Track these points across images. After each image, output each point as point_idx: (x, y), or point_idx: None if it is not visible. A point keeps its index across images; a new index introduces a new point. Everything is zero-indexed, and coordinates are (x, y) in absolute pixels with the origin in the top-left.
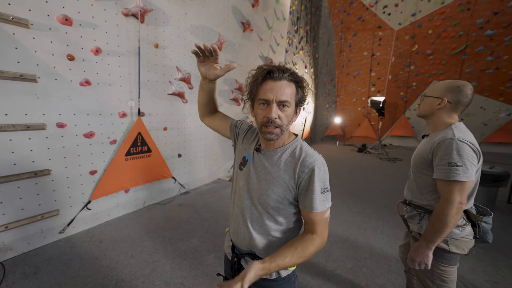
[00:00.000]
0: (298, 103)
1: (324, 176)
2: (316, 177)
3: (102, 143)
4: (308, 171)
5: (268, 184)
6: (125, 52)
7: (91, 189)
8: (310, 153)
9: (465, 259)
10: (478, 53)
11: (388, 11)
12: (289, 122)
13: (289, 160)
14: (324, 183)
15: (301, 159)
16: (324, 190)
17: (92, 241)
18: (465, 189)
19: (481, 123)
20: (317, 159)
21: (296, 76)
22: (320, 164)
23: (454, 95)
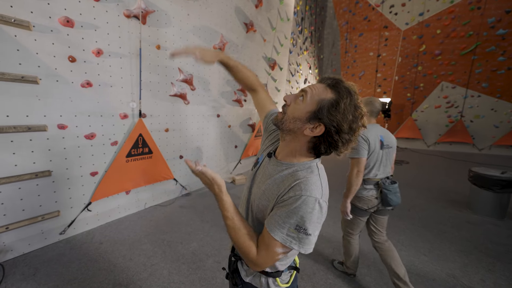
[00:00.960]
0: (318, 113)
1: (309, 216)
2: (295, 208)
3: (103, 144)
4: (292, 196)
5: (259, 193)
6: (127, 54)
7: (92, 191)
8: (311, 184)
9: (475, 270)
10: (489, 53)
11: (394, 11)
12: (294, 120)
13: (289, 179)
14: (304, 223)
15: (296, 183)
16: (300, 229)
17: (92, 242)
18: (359, 162)
19: (492, 125)
20: (312, 193)
21: (339, 84)
22: (310, 200)
23: (368, 107)
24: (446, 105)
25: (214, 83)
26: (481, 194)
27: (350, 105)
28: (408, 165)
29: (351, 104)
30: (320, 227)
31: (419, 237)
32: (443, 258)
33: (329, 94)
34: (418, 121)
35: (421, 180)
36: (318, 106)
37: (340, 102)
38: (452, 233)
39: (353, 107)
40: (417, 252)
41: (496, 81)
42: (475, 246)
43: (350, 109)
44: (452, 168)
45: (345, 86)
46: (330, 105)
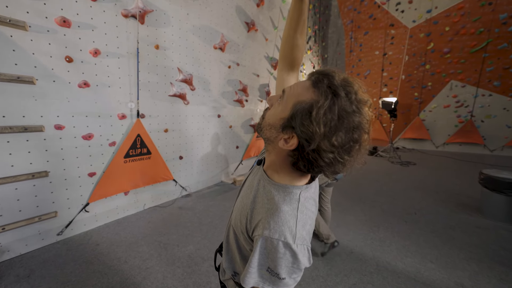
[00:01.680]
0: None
1: (280, 260)
2: (262, 250)
3: (101, 145)
4: (257, 235)
5: (238, 203)
6: (125, 54)
7: (90, 191)
8: (281, 220)
9: (486, 279)
10: (501, 50)
11: (401, 8)
12: (270, 126)
13: (262, 201)
14: (276, 266)
15: (266, 216)
16: (272, 272)
17: (89, 244)
18: None
19: (505, 125)
20: (281, 233)
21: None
22: (276, 243)
23: None
24: (456, 105)
25: (214, 83)
26: (492, 197)
27: (329, 111)
28: (415, 167)
29: (331, 109)
30: (301, 270)
31: (425, 243)
32: (451, 266)
33: (309, 95)
34: (426, 121)
35: (428, 182)
36: (292, 111)
37: (314, 106)
38: (462, 239)
39: (334, 114)
40: (423, 259)
41: (509, 80)
42: (486, 253)
43: (328, 116)
44: (462, 170)
45: (331, 83)
46: (303, 111)
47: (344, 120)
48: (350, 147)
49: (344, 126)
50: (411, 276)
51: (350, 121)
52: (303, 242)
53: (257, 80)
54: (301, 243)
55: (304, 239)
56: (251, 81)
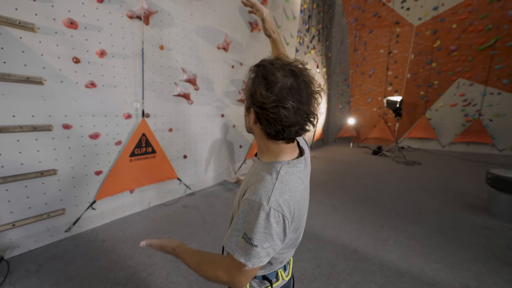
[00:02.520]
0: (247, 101)
1: (253, 222)
2: (241, 213)
3: (107, 144)
4: (243, 200)
5: (238, 193)
6: (130, 54)
7: (96, 189)
8: (262, 187)
9: (492, 280)
10: (510, 47)
11: (406, 6)
12: (244, 117)
13: (251, 179)
14: (250, 231)
15: (251, 185)
16: (245, 238)
17: (96, 240)
18: None
19: None
20: (260, 197)
21: (256, 66)
22: (256, 206)
23: None
24: (463, 103)
25: (218, 83)
26: (500, 197)
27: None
28: (421, 166)
29: (257, 75)
30: (273, 240)
31: (430, 243)
32: (456, 266)
33: (248, 79)
34: (432, 120)
35: (434, 182)
36: (245, 95)
37: (247, 80)
38: (468, 239)
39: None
40: (428, 259)
41: None
42: (493, 254)
43: (256, 80)
44: (469, 170)
45: (257, 64)
46: (247, 88)
47: (268, 76)
48: (284, 93)
49: (270, 79)
50: (415, 276)
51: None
52: (277, 208)
53: None
54: (275, 207)
55: (279, 205)
56: None
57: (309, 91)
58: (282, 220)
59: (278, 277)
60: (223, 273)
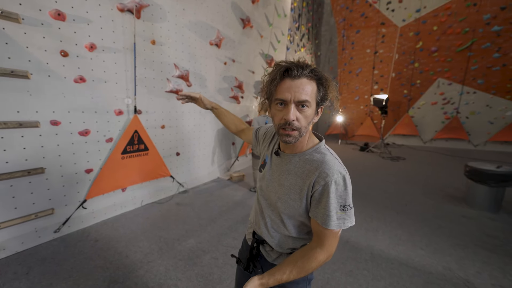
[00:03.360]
0: (320, 102)
1: (344, 192)
2: (332, 193)
3: (98, 141)
4: (324, 184)
5: (284, 190)
6: (121, 49)
7: (87, 188)
8: (331, 164)
9: (471, 262)
10: (484, 49)
11: (391, 7)
12: (308, 123)
13: (308, 168)
14: (345, 200)
15: (319, 170)
16: (344, 208)
17: (87, 240)
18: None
19: (487, 121)
20: (337, 172)
21: (318, 73)
22: (339, 179)
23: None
24: (442, 102)
25: (210, 79)
26: (477, 188)
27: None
28: (405, 162)
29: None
30: None
31: (416, 232)
32: (439, 252)
33: (312, 84)
34: (415, 117)
35: (417, 176)
36: (317, 99)
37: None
38: (449, 227)
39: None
40: (414, 246)
41: (491, 78)
42: (471, 239)
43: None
44: (448, 164)
45: (314, 71)
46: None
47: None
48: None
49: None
50: (403, 262)
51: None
52: (347, 171)
53: (252, 77)
54: (347, 171)
55: (346, 169)
56: (247, 77)
57: None
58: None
59: None
60: (323, 254)
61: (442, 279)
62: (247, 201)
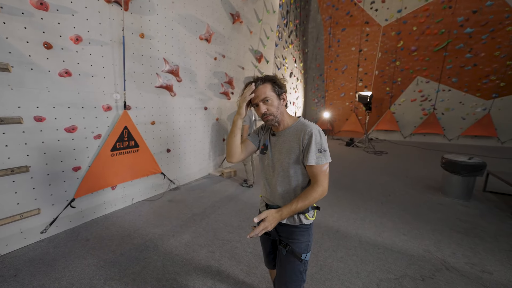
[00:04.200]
0: (278, 92)
1: (321, 140)
2: (313, 140)
3: (86, 138)
4: (308, 136)
5: (286, 153)
6: (108, 42)
7: (75, 187)
8: (308, 124)
9: (447, 245)
10: (458, 50)
11: (375, 7)
12: (277, 108)
13: (296, 133)
14: (321, 145)
15: (303, 130)
16: (321, 150)
17: (78, 240)
18: (245, 128)
19: (460, 117)
20: (314, 127)
21: (268, 77)
22: (316, 131)
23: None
24: (421, 99)
25: (201, 74)
26: (451, 178)
27: (278, 81)
28: (387, 155)
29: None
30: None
31: (399, 219)
32: (420, 237)
33: (268, 86)
34: (396, 114)
35: (399, 169)
36: (275, 92)
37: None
38: (428, 215)
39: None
40: (397, 232)
41: (464, 77)
42: (447, 224)
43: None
44: (426, 157)
45: (266, 78)
46: (276, 87)
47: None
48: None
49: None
50: (388, 247)
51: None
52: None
53: (242, 73)
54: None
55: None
56: (237, 73)
57: None
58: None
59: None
60: (319, 187)
61: (423, 260)
62: (239, 196)
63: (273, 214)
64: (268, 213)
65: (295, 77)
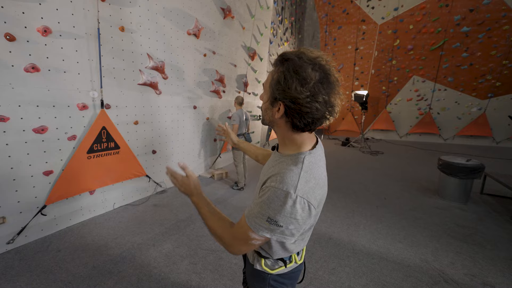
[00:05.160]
0: (275, 94)
1: (280, 208)
2: (266, 200)
3: (58, 139)
4: (267, 189)
5: (258, 184)
6: (83, 35)
7: (47, 192)
8: (286, 176)
9: (445, 253)
10: (454, 49)
11: (372, 5)
12: (264, 110)
13: (272, 168)
14: (275, 215)
15: (273, 174)
16: (271, 221)
17: (48, 251)
18: (235, 128)
19: (456, 117)
20: (284, 188)
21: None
22: (281, 194)
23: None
24: (417, 98)
25: (189, 72)
26: (448, 180)
27: (287, 71)
28: (383, 155)
29: (288, 70)
30: (298, 223)
31: (394, 225)
32: (416, 244)
33: (274, 73)
34: (392, 113)
35: (395, 170)
36: (270, 89)
37: (274, 74)
38: (424, 219)
39: (290, 71)
40: (393, 240)
41: (460, 76)
42: (444, 230)
43: (288, 74)
44: (422, 157)
45: (282, 56)
46: (274, 83)
47: (300, 72)
48: (317, 88)
49: (301, 75)
50: (383, 257)
51: (304, 71)
52: (303, 195)
53: (235, 70)
54: (301, 195)
55: (305, 193)
56: (228, 71)
57: (333, 84)
58: (308, 206)
59: (291, 259)
60: (229, 236)
61: (420, 271)
62: (229, 199)
63: (191, 184)
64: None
65: None
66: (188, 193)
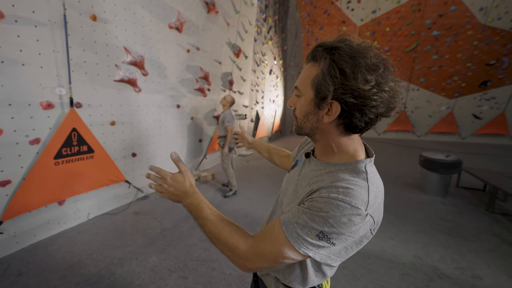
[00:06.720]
0: (322, 92)
1: (342, 225)
2: (322, 213)
3: (17, 143)
4: (325, 199)
5: (292, 191)
6: (46, 22)
7: (3, 206)
8: (352, 188)
9: (434, 248)
10: (426, 51)
11: (351, 7)
12: (304, 116)
13: (322, 178)
14: (332, 230)
15: (331, 185)
16: (322, 236)
17: (5, 275)
18: (231, 129)
19: (427, 115)
20: (352, 203)
21: (332, 50)
22: (348, 209)
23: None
24: None
25: (171, 68)
26: (430, 176)
27: (343, 61)
28: None
29: (342, 59)
30: (355, 244)
31: (385, 221)
32: (407, 240)
33: (315, 68)
34: None
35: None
36: (314, 88)
37: (324, 68)
38: (411, 214)
39: (348, 59)
40: (385, 236)
41: (431, 77)
42: (430, 224)
43: (346, 64)
44: (400, 154)
45: (324, 47)
46: (324, 77)
47: (359, 59)
48: (384, 75)
49: (366, 62)
50: (378, 256)
51: (366, 56)
52: (373, 213)
53: (219, 68)
54: (371, 213)
55: (374, 211)
56: (213, 68)
57: (393, 68)
58: (371, 225)
59: (321, 287)
60: (247, 248)
61: (414, 268)
62: (217, 203)
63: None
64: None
65: (274, 75)
66: (181, 194)
